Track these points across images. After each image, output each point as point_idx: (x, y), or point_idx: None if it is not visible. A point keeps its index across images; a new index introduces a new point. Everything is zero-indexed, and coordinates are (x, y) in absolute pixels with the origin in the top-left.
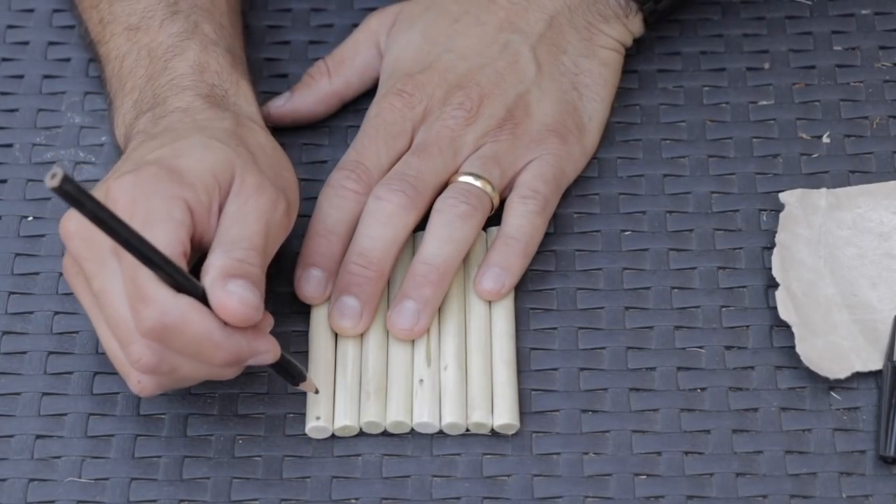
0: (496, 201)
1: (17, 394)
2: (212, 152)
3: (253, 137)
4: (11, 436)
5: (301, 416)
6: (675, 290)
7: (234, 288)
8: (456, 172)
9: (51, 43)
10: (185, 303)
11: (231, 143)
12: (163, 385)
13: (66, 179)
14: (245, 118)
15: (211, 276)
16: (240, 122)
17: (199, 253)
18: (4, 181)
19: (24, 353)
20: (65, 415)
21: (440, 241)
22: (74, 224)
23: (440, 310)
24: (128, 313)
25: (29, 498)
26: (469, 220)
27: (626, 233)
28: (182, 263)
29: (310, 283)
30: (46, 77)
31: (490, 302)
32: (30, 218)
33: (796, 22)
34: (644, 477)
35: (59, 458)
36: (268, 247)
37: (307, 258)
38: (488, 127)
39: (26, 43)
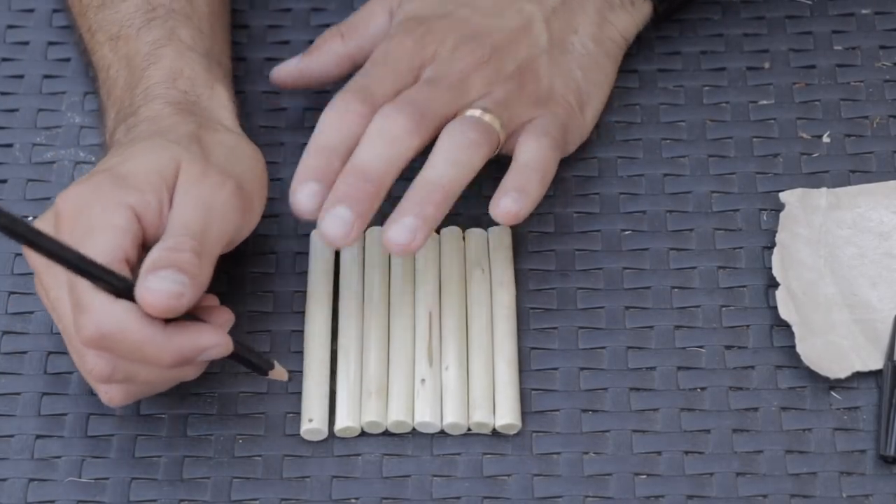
0: (502, 139)
1: (18, 394)
2: (157, 152)
3: (213, 136)
4: (11, 435)
5: (299, 416)
6: (675, 290)
7: (153, 281)
8: (463, 109)
9: (51, 43)
10: (122, 308)
11: (183, 142)
12: (131, 393)
13: None
14: (212, 121)
15: (140, 273)
16: (203, 124)
17: None
18: (4, 181)
19: (24, 353)
20: (65, 415)
21: (446, 162)
22: (39, 223)
23: (442, 310)
24: None
25: (29, 498)
26: (477, 148)
27: (627, 232)
28: (123, 269)
29: (304, 195)
30: (46, 77)
31: (492, 303)
32: (30, 218)
33: (796, 21)
34: (644, 476)
35: (59, 457)
36: (210, 231)
37: (303, 173)
38: (498, 76)
39: (26, 43)
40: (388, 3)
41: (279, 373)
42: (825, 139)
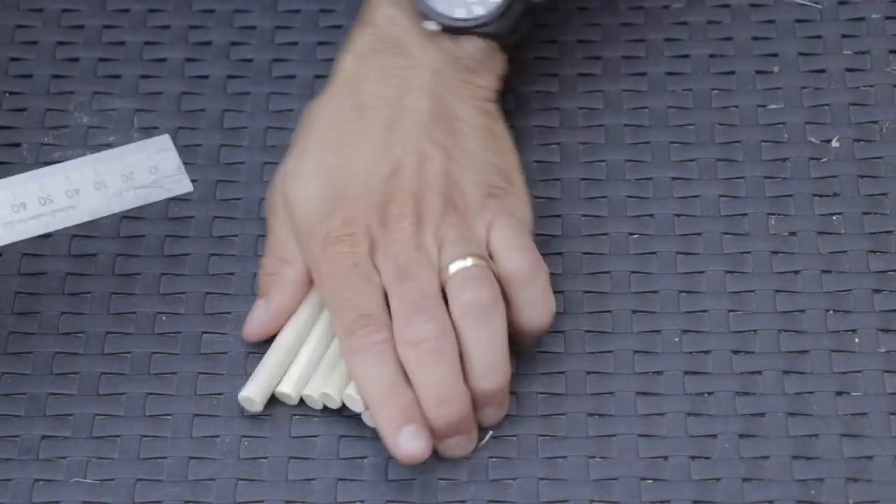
0: (493, 265)
1: (23, 395)
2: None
3: None
4: (17, 436)
5: (305, 417)
6: (683, 294)
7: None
8: (442, 272)
9: (59, 43)
10: None
11: None
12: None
13: None
14: None
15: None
16: None
17: None
18: None
19: (30, 353)
20: (70, 415)
21: (486, 347)
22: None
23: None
24: None
25: (34, 498)
26: (496, 305)
27: (634, 236)
28: None
29: (411, 442)
30: (55, 77)
31: None
32: None
33: (806, 25)
34: (650, 481)
35: (64, 458)
36: None
37: (397, 420)
38: (436, 221)
39: (35, 42)
40: (280, 210)
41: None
42: (834, 144)
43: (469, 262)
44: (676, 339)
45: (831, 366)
